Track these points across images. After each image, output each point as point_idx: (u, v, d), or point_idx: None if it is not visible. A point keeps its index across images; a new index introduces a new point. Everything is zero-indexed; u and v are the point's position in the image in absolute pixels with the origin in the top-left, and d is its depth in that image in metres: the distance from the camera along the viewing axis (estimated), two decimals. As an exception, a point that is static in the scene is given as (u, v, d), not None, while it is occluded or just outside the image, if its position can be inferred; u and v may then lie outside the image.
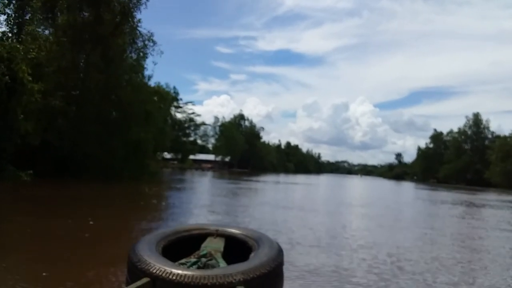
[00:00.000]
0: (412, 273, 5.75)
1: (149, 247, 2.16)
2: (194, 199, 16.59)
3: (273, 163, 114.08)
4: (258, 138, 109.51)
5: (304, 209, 15.08)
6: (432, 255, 7.19)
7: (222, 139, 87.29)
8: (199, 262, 2.13)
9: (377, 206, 18.87)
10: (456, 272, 6.06)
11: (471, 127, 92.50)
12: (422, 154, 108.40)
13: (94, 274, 4.83)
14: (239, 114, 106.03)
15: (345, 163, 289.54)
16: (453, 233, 11.07)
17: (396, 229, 11.20)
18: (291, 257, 5.86)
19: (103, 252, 6.20)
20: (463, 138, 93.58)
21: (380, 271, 5.72)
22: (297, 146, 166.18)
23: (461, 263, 6.77)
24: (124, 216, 10.86)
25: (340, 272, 5.57)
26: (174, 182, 23.03)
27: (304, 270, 5.45)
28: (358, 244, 7.92)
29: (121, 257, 2.83)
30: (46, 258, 5.56)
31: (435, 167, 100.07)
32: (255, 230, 2.71)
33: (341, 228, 10.60)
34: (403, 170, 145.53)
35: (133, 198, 15.81)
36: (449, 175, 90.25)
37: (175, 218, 10.63)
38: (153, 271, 1.87)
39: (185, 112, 65.77)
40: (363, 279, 5.26)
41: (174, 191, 20.33)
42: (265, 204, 16.04)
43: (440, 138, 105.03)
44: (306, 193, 26.22)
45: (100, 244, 6.78)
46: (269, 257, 2.09)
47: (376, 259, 6.53)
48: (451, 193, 37.05)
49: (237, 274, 1.85)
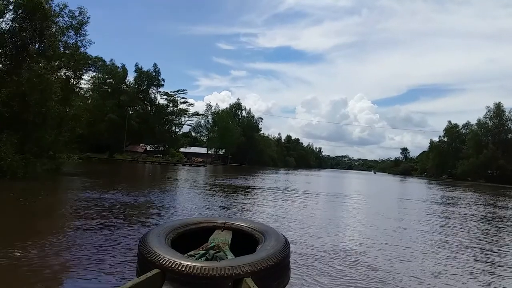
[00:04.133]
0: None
1: (158, 239, 2.26)
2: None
3: (273, 157, 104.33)
4: (257, 130, 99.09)
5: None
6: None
7: (215, 130, 76.71)
8: (207, 254, 2.23)
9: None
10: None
11: (492, 118, 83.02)
12: (435, 149, 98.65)
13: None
14: (236, 103, 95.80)
15: (345, 158, 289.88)
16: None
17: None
18: None
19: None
20: (483, 131, 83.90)
21: None
22: (297, 140, 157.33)
23: None
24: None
25: None
26: (86, 187, 13.37)
27: None
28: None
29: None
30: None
31: (450, 163, 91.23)
32: (262, 223, 2.97)
33: None
34: (410, 165, 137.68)
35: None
36: (468, 171, 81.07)
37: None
38: (163, 262, 1.94)
39: (174, 101, 56.42)
40: None
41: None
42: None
43: (455, 131, 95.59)
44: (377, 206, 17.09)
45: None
46: (276, 250, 2.17)
47: None
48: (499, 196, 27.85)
49: (244, 266, 1.90)
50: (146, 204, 9.72)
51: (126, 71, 47.59)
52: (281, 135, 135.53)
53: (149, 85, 50.32)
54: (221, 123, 76.02)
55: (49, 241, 5.05)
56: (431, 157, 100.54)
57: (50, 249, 4.67)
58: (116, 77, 46.33)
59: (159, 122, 51.40)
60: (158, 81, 50.67)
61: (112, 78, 47.06)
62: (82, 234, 5.67)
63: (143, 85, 50.10)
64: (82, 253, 4.62)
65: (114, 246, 5.07)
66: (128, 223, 6.82)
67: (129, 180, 19.34)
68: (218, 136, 75.77)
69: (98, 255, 4.56)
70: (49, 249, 4.66)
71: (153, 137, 51.11)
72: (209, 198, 12.35)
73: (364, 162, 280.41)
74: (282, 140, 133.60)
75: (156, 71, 50.17)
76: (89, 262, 4.25)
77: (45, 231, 5.94)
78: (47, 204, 9.34)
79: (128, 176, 22.22)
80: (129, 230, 6.20)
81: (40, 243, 4.89)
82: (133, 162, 46.44)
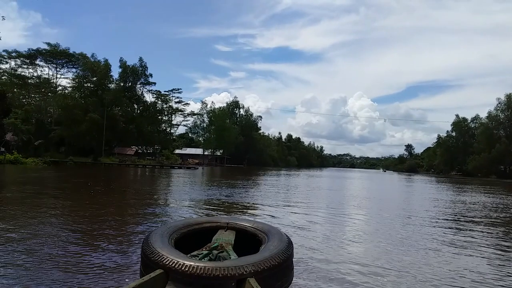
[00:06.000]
0: None
1: (161, 240, 2.26)
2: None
3: (274, 157, 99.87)
4: (256, 129, 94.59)
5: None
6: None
7: (212, 129, 72.29)
8: (210, 254, 2.22)
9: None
10: None
11: (504, 111, 78.53)
12: (443, 144, 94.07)
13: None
14: (233, 101, 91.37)
15: (347, 156, 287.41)
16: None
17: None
18: None
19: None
20: (494, 124, 79.36)
21: None
22: (299, 139, 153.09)
23: None
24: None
25: None
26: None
27: None
28: None
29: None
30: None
31: (460, 158, 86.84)
32: (265, 223, 2.84)
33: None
34: (416, 162, 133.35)
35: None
36: (479, 167, 76.64)
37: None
38: (166, 263, 1.94)
39: (164, 98, 52.01)
40: None
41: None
42: None
43: (464, 125, 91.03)
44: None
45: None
46: (279, 250, 2.16)
47: None
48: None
49: (247, 266, 1.91)
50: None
51: (108, 66, 43.29)
52: (281, 134, 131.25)
53: (135, 81, 45.94)
54: (217, 122, 71.59)
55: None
56: (439, 153, 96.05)
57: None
58: (98, 73, 42.05)
59: (148, 122, 46.96)
60: (145, 76, 46.32)
61: (94, 75, 42.84)
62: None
63: (128, 81, 45.75)
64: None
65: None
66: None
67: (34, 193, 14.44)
68: (214, 136, 71.44)
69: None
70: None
71: (141, 138, 46.74)
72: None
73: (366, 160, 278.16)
74: (282, 139, 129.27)
75: (142, 66, 45.82)
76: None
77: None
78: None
79: (57, 186, 16.82)
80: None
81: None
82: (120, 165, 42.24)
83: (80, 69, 45.18)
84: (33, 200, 9.73)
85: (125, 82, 46.21)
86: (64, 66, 52.80)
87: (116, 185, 16.86)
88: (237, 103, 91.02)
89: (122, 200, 11.00)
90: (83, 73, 44.41)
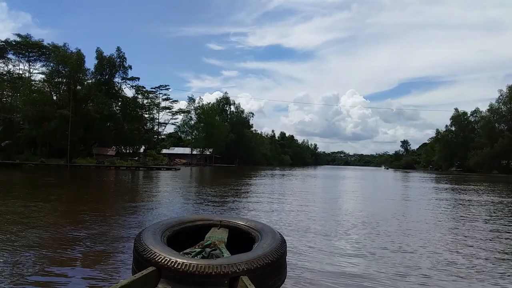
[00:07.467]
0: None
1: (154, 237, 2.18)
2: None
3: (267, 156, 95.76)
4: (248, 126, 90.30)
5: None
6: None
7: (200, 127, 67.83)
8: (203, 252, 2.18)
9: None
10: None
11: (506, 103, 75.20)
12: (442, 139, 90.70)
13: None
14: (223, 97, 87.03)
15: (341, 154, 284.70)
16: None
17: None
18: None
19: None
20: (496, 117, 76.16)
21: None
22: (292, 136, 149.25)
23: None
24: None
25: None
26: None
27: None
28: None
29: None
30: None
31: (460, 153, 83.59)
32: (258, 221, 2.75)
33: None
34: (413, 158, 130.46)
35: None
36: (481, 162, 73.33)
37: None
38: (159, 260, 1.90)
39: (157, 98, 47.62)
40: None
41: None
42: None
43: (464, 119, 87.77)
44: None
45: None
46: (272, 248, 2.12)
47: None
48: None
49: (240, 264, 1.88)
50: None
51: (81, 56, 38.70)
52: (274, 132, 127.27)
53: (113, 74, 41.45)
54: (206, 119, 67.20)
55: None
56: (438, 148, 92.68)
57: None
58: (69, 64, 37.55)
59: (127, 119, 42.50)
60: (124, 68, 41.82)
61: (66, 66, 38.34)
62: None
63: (105, 74, 41.26)
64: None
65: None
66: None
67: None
68: (203, 134, 67.08)
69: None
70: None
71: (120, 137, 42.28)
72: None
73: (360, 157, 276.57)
74: (276, 137, 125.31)
75: (120, 57, 41.32)
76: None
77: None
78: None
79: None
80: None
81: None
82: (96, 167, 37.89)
83: (52, 62, 40.64)
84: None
85: (102, 75, 41.72)
86: (37, 60, 48.39)
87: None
88: (228, 99, 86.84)
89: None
90: (55, 65, 39.87)
